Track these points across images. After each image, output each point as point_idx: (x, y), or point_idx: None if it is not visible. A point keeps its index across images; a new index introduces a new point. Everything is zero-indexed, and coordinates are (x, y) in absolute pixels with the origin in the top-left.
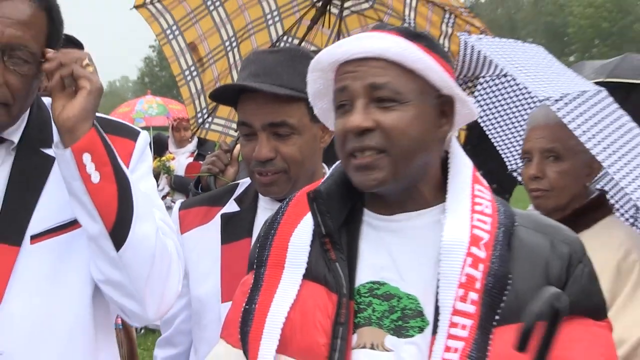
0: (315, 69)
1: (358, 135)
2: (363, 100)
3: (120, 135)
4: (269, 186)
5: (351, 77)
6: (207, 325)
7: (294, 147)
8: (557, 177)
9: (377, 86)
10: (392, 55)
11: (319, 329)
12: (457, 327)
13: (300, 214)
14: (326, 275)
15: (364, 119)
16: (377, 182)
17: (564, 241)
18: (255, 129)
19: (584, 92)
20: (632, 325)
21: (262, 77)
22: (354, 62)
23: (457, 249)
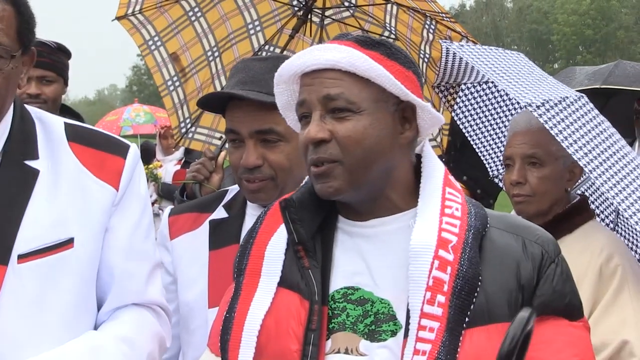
0: (279, 82)
1: (315, 147)
2: (319, 112)
3: (109, 151)
4: (257, 193)
5: (307, 90)
6: (195, 330)
7: (281, 154)
8: (538, 182)
9: (331, 97)
10: (344, 65)
11: (291, 335)
12: (425, 330)
13: (276, 223)
14: (299, 282)
15: (319, 130)
16: (334, 189)
17: (536, 241)
18: (243, 136)
19: (565, 98)
20: (615, 329)
21: (249, 84)
22: (311, 74)
23: (425, 252)
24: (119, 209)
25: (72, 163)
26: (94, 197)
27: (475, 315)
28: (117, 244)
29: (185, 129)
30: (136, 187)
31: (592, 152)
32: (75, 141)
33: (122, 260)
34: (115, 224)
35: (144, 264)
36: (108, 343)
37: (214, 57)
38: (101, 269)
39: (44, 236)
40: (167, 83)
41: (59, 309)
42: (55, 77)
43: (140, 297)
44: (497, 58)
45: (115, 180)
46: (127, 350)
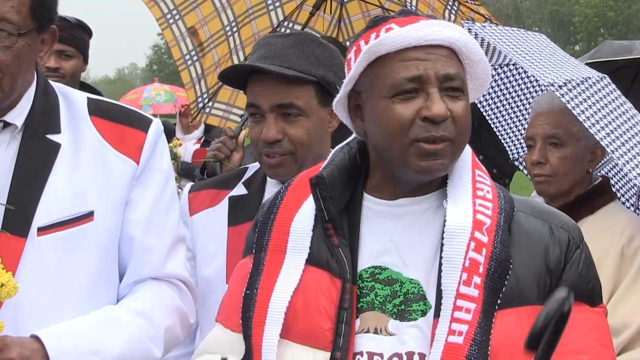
0: (370, 51)
1: (435, 124)
2: (437, 88)
3: (131, 125)
4: (276, 168)
5: (422, 65)
6: (212, 305)
7: (301, 129)
8: (559, 162)
9: (450, 77)
10: (459, 45)
11: (323, 313)
12: (462, 310)
13: (300, 199)
14: (329, 260)
15: (444, 108)
16: (443, 167)
17: (562, 227)
18: (264, 110)
19: (588, 79)
20: (636, 310)
21: (271, 59)
22: (422, 48)
23: (461, 234)
24: (139, 182)
25: (93, 136)
26: (115, 171)
27: (506, 297)
28: (136, 218)
29: (202, 103)
30: (158, 161)
31: (615, 132)
32: (96, 115)
33: (141, 233)
34: (135, 198)
35: (164, 238)
36: (124, 316)
37: (232, 32)
38: (121, 242)
39: (64, 209)
40: (184, 57)
41: (78, 281)
42: (74, 53)
43: (159, 271)
44: (519, 39)
45: (136, 153)
46: (144, 323)
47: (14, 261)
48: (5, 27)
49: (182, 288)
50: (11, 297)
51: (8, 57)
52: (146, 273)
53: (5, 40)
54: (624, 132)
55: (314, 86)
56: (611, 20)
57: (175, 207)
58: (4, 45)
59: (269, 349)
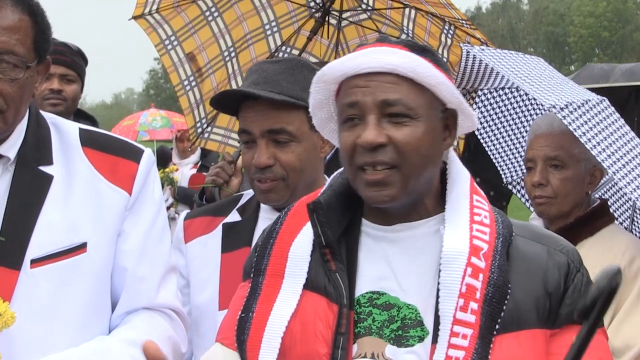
0: (319, 81)
1: (370, 151)
2: (375, 115)
3: (123, 155)
4: (268, 193)
5: (362, 92)
6: (205, 332)
7: (292, 154)
8: (560, 184)
9: (389, 102)
10: (404, 70)
11: (319, 338)
12: (458, 336)
13: (299, 224)
14: (326, 285)
15: (378, 135)
16: (390, 198)
17: (561, 250)
18: (255, 136)
19: (588, 101)
20: (638, 332)
21: (262, 85)
22: (364, 75)
23: (458, 259)
24: (132, 213)
25: (85, 168)
26: (107, 202)
27: (505, 322)
28: (129, 248)
29: (201, 128)
30: (150, 191)
31: (616, 154)
32: (89, 146)
33: (133, 264)
34: (128, 228)
35: (156, 268)
36: (117, 347)
37: (230, 57)
38: (114, 273)
39: (57, 241)
40: (183, 83)
41: (71, 313)
42: (75, 77)
43: (151, 301)
44: (518, 62)
45: (129, 184)
46: (136, 353)
47: (7, 293)
48: (11, 59)
49: (174, 318)
50: (9, 326)
51: (14, 89)
52: (139, 303)
53: (11, 72)
54: (625, 154)
55: (305, 111)
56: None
57: (166, 236)
58: (10, 77)
59: None
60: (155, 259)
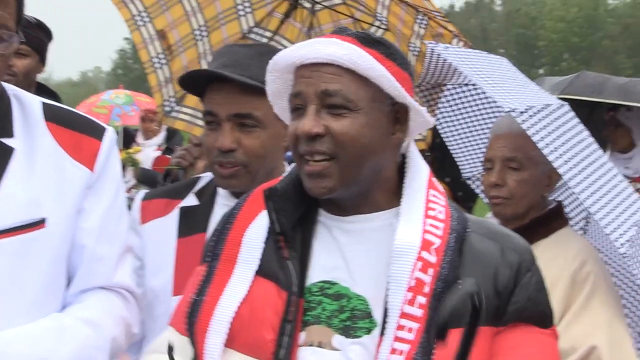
0: (273, 70)
1: (309, 140)
2: (315, 106)
3: (86, 133)
4: (228, 179)
5: (305, 83)
6: (158, 317)
7: (256, 140)
8: (516, 185)
9: (329, 93)
10: (345, 62)
11: (267, 325)
12: (404, 329)
13: (256, 211)
14: (278, 272)
15: (314, 125)
16: (327, 189)
17: (514, 249)
18: (220, 119)
19: (548, 106)
20: (584, 334)
21: (232, 68)
22: (309, 66)
23: (408, 253)
24: (93, 191)
25: (48, 143)
26: (69, 178)
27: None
28: (88, 226)
29: (169, 107)
30: (111, 170)
31: (572, 160)
32: (52, 121)
33: (92, 242)
34: (89, 206)
35: (114, 247)
36: (73, 325)
37: (201, 36)
38: (71, 250)
39: (16, 215)
40: (152, 60)
41: (28, 288)
42: (28, 51)
43: (108, 280)
44: (482, 62)
45: (91, 162)
46: (91, 333)
47: None
48: (5, 35)
49: (129, 298)
50: None
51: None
52: (95, 282)
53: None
54: (581, 161)
55: None
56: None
57: (125, 216)
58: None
59: (212, 357)
60: (114, 238)
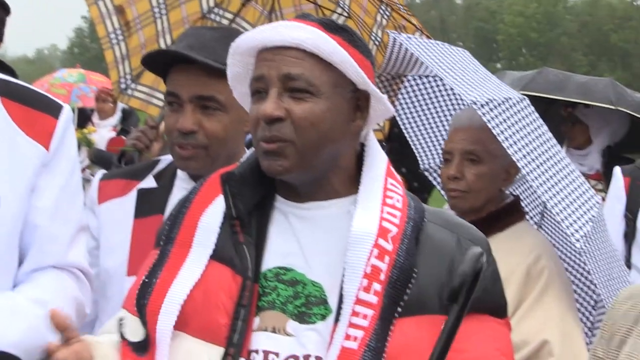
0: (234, 53)
1: (268, 124)
2: (277, 89)
3: (42, 110)
4: (188, 160)
5: (267, 66)
6: (111, 296)
7: (218, 124)
8: (474, 179)
9: (291, 77)
10: (308, 46)
11: (220, 309)
12: (359, 316)
13: (212, 195)
14: (233, 257)
15: (275, 108)
16: (283, 169)
17: (470, 239)
18: (182, 100)
19: (508, 99)
20: (537, 329)
21: (197, 50)
22: (272, 50)
23: (365, 240)
24: (47, 169)
25: (2, 119)
26: (24, 156)
27: (408, 305)
28: (42, 205)
29: (125, 84)
30: (66, 148)
31: (531, 155)
32: (7, 97)
33: (46, 221)
34: (43, 185)
35: (68, 226)
36: (24, 304)
37: (160, 14)
38: (24, 229)
39: None
40: (110, 36)
41: None
42: None
43: (60, 259)
44: (444, 53)
45: (47, 140)
46: (42, 313)
47: None
48: None
49: (81, 278)
50: None
51: None
52: (48, 261)
53: None
54: (540, 155)
55: None
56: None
57: (80, 195)
58: None
59: (162, 339)
60: (68, 217)
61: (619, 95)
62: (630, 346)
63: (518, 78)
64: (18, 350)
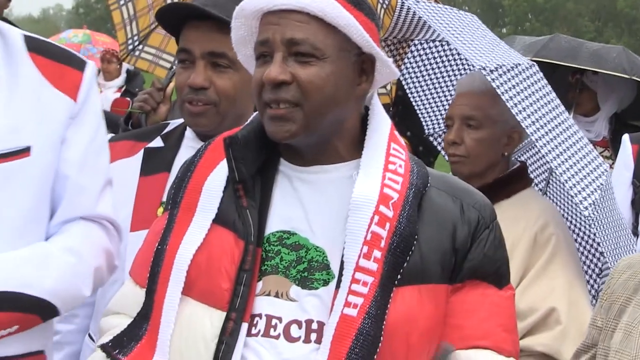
0: (239, 16)
1: (274, 87)
2: (282, 53)
3: (69, 64)
4: (197, 117)
5: (272, 30)
6: None
7: (229, 81)
8: (473, 144)
9: (296, 41)
10: (313, 9)
11: (223, 273)
12: (359, 283)
13: (217, 159)
14: (235, 221)
15: (281, 72)
16: (289, 134)
17: (473, 206)
18: (194, 57)
19: (518, 65)
20: (544, 296)
21: (211, 7)
22: (277, 13)
23: (366, 206)
24: (75, 121)
25: (31, 72)
26: (53, 108)
27: (408, 273)
28: (71, 157)
29: (132, 46)
30: (92, 102)
31: (541, 120)
32: (35, 52)
33: (75, 173)
34: (71, 137)
35: (96, 178)
36: (55, 253)
37: None
38: (55, 180)
39: (0, 142)
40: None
41: (11, 216)
42: None
43: (90, 211)
44: (452, 18)
45: (74, 92)
46: (74, 261)
47: None
48: None
49: (110, 229)
50: None
51: None
52: (77, 212)
53: None
54: (550, 121)
55: None
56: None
57: (106, 149)
58: None
59: (170, 306)
60: (96, 169)
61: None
62: (628, 315)
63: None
64: (53, 297)
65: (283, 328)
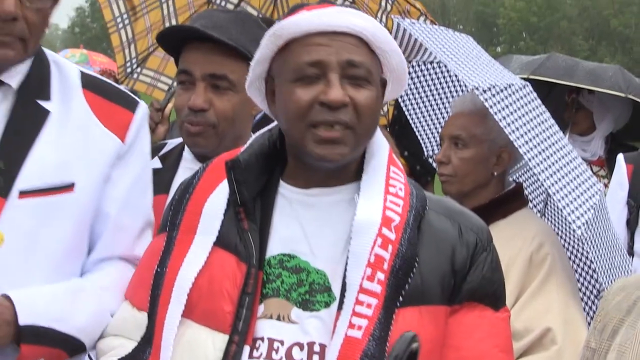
0: (274, 35)
1: (332, 109)
2: (338, 75)
3: (120, 103)
4: (196, 137)
5: (324, 51)
6: None
7: (228, 103)
8: (459, 163)
9: (354, 64)
10: (367, 34)
11: (225, 296)
12: (363, 305)
13: (216, 181)
14: (237, 244)
15: (343, 94)
16: (341, 156)
17: (471, 228)
18: (195, 78)
19: (511, 85)
20: (539, 316)
21: (212, 29)
22: (327, 34)
23: (369, 229)
24: (122, 161)
25: (83, 109)
26: (100, 146)
27: (409, 295)
28: (115, 195)
29: (130, 69)
30: (141, 143)
31: (534, 140)
32: (89, 89)
33: (117, 212)
34: (117, 176)
35: (137, 219)
36: (90, 291)
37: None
38: (96, 217)
39: (46, 176)
40: (116, 19)
41: (51, 250)
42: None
43: (128, 251)
44: (447, 39)
45: (123, 132)
46: (107, 301)
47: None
48: None
49: None
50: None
51: (39, 19)
52: (116, 252)
53: (39, 2)
54: (543, 141)
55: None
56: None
57: (149, 191)
58: (37, 6)
59: (169, 329)
60: (138, 210)
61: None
62: (621, 336)
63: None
64: (82, 334)
65: (285, 351)
